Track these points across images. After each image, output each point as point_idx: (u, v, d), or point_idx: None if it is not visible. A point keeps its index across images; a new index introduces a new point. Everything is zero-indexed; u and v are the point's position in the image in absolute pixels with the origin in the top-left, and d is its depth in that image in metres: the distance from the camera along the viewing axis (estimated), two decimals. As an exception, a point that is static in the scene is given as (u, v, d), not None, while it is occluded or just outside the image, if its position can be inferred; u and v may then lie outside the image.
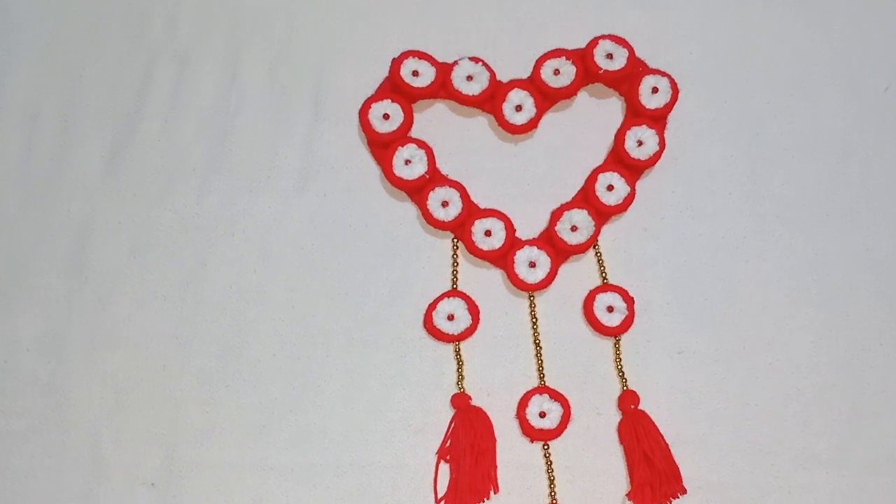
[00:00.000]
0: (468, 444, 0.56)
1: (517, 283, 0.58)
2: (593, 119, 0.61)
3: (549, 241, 0.58)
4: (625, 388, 0.57)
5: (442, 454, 0.56)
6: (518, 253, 0.58)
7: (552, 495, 0.56)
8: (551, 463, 0.56)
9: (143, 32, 0.63)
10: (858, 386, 0.58)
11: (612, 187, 0.58)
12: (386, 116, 0.59)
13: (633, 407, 0.57)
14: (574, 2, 0.63)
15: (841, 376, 0.58)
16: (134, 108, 0.61)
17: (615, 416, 0.57)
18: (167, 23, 0.63)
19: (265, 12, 0.63)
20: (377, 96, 0.60)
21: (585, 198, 0.59)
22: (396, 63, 0.60)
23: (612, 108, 0.61)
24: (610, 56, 0.59)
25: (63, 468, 0.57)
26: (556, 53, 0.60)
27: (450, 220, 0.58)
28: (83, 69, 0.62)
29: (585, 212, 0.58)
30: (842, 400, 0.57)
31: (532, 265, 0.58)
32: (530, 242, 0.58)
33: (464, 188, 0.59)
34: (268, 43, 0.63)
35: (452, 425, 0.57)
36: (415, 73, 0.60)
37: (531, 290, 0.58)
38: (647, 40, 0.62)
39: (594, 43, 0.60)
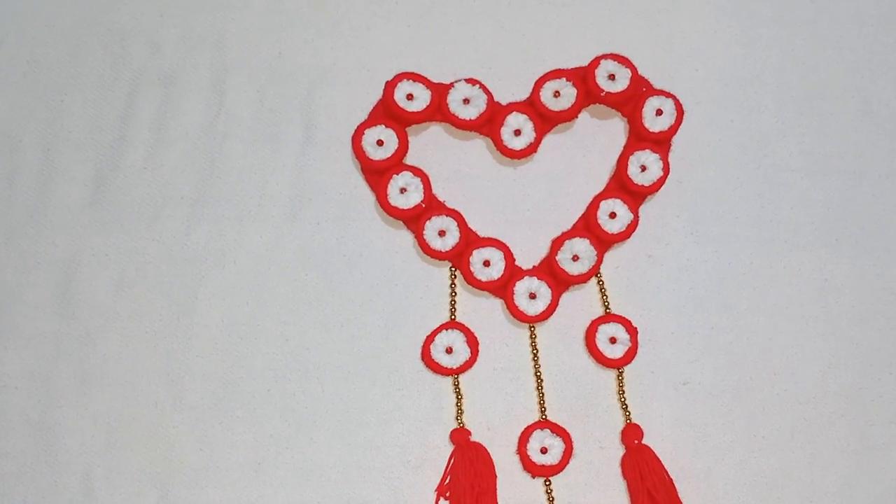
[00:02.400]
0: (468, 483, 0.55)
1: (517, 315, 0.56)
2: (595, 142, 0.59)
3: (550, 270, 0.57)
4: (628, 421, 0.56)
5: (441, 491, 0.55)
6: (518, 284, 0.56)
7: (554, 532, 0.55)
8: (553, 499, 0.55)
9: (125, 56, 0.60)
10: (867, 416, 0.56)
11: (614, 215, 0.56)
12: (380, 143, 0.57)
13: (636, 442, 0.55)
14: (575, 19, 0.60)
15: (849, 407, 0.56)
16: (118, 136, 0.59)
17: (618, 450, 0.56)
18: (150, 46, 0.60)
19: (252, 32, 0.60)
20: (370, 122, 0.57)
21: (587, 226, 0.57)
22: (390, 86, 0.57)
23: (614, 130, 0.59)
24: (612, 77, 0.57)
25: (55, 510, 0.56)
26: (556, 74, 0.57)
27: (447, 250, 0.56)
28: (64, 95, 0.60)
29: (587, 241, 0.56)
30: (850, 431, 0.56)
31: (532, 296, 0.56)
32: (530, 273, 0.56)
33: (461, 217, 0.57)
34: (255, 64, 0.60)
35: (452, 461, 0.56)
36: (409, 97, 0.57)
37: (531, 322, 0.56)
38: (651, 57, 0.59)
39: (595, 63, 0.57)
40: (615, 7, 0.60)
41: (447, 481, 0.55)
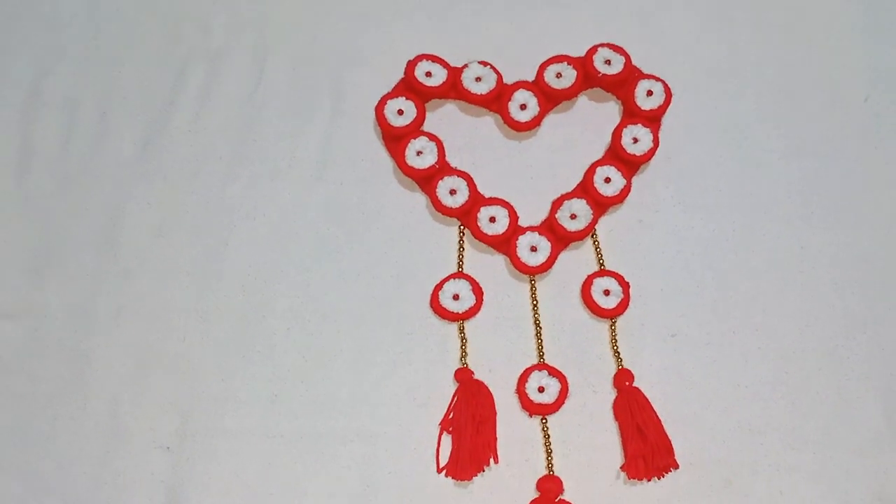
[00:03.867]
0: (470, 414, 0.58)
1: (519, 266, 0.62)
2: (592, 121, 0.66)
3: (550, 228, 0.62)
4: (620, 367, 0.60)
5: (445, 426, 0.59)
6: (520, 238, 0.62)
7: (549, 467, 0.58)
8: (549, 437, 0.59)
9: (178, 35, 0.68)
10: (843, 371, 0.60)
11: (609, 179, 0.62)
12: (400, 112, 0.64)
13: (627, 384, 0.59)
14: (575, 16, 0.68)
15: (826, 362, 0.60)
16: (167, 102, 0.66)
17: (610, 395, 0.60)
18: (201, 27, 0.68)
19: (291, 18, 0.69)
20: (393, 94, 0.65)
21: (584, 189, 0.63)
22: (411, 65, 0.65)
23: (609, 112, 0.66)
24: (608, 62, 0.64)
25: (83, 431, 0.60)
26: (559, 59, 0.65)
27: (457, 207, 0.62)
28: (122, 67, 0.67)
29: (584, 201, 0.62)
30: (827, 384, 0.60)
31: (533, 249, 0.62)
32: (532, 229, 0.62)
33: (471, 178, 0.63)
34: (292, 46, 0.68)
35: (455, 399, 0.60)
36: (428, 74, 0.65)
37: (532, 273, 0.62)
38: (643, 52, 0.66)
39: (594, 50, 0.65)
40: (610, 6, 0.69)
41: (450, 416, 0.59)
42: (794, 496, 0.58)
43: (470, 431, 0.58)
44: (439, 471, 0.58)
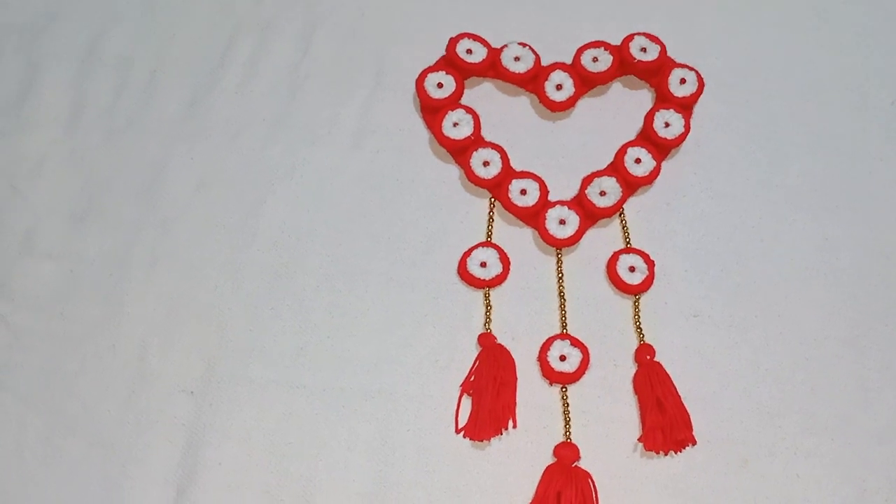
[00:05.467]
0: (491, 376, 0.59)
1: (547, 238, 0.63)
2: (625, 106, 0.67)
3: (579, 203, 0.64)
4: (642, 342, 0.61)
5: (465, 388, 0.60)
6: (550, 211, 0.63)
7: (567, 436, 0.59)
8: (568, 405, 0.60)
9: (231, 4, 0.71)
10: (863, 361, 0.61)
11: (639, 160, 0.64)
12: (440, 85, 0.66)
13: (648, 358, 0.60)
14: (614, 6, 0.71)
15: (846, 350, 0.61)
16: (216, 66, 0.69)
17: (631, 369, 0.61)
18: (253, -1, 0.71)
19: (340, -6, 0.72)
20: (433, 68, 0.67)
21: (615, 168, 0.64)
22: (453, 42, 0.67)
23: (643, 99, 0.68)
24: (644, 50, 0.66)
25: (111, 372, 0.61)
26: (596, 44, 0.67)
27: (490, 178, 0.64)
28: (175, 30, 0.70)
29: (614, 179, 0.63)
30: (847, 372, 0.60)
31: (562, 222, 0.63)
32: (562, 203, 0.63)
33: (504, 151, 0.65)
34: (340, 21, 0.70)
35: (477, 362, 0.60)
36: (469, 52, 0.67)
37: (560, 245, 0.63)
38: (678, 45, 0.68)
39: (630, 38, 0.67)
40: (649, 1, 0.71)
41: (472, 379, 0.60)
42: (810, 480, 0.58)
43: (490, 393, 0.59)
44: (457, 431, 0.59)
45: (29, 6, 0.71)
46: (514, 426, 0.59)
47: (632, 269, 0.62)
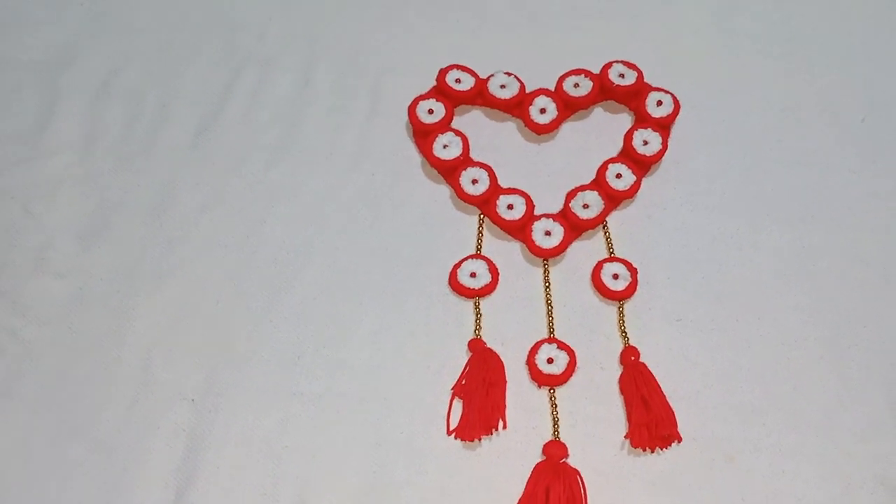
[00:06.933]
0: (481, 378, 0.61)
1: (534, 249, 0.66)
2: (606, 128, 0.71)
3: (564, 216, 0.67)
4: (626, 344, 0.63)
5: (457, 391, 0.62)
6: (536, 224, 0.66)
7: (555, 435, 0.60)
8: (556, 407, 0.61)
9: (235, 42, 0.76)
10: (844, 360, 0.62)
11: (620, 175, 0.67)
12: (430, 111, 0.70)
13: (633, 359, 0.62)
14: (592, 37, 0.75)
15: (827, 350, 0.63)
16: (221, 97, 0.74)
17: (617, 372, 0.62)
18: (257, 33, 0.77)
19: (338, 33, 0.77)
20: (425, 96, 0.71)
21: (597, 183, 0.68)
22: (443, 72, 0.72)
23: (622, 122, 0.72)
24: (622, 76, 0.71)
25: (115, 380, 0.63)
26: (577, 72, 0.71)
27: (478, 194, 0.67)
28: (185, 67, 0.75)
29: (596, 193, 0.67)
30: (829, 371, 0.62)
31: (548, 234, 0.66)
32: (547, 216, 0.67)
33: (492, 169, 0.68)
34: (338, 56, 0.76)
35: (468, 366, 0.62)
36: (457, 81, 0.71)
37: (546, 256, 0.66)
38: (655, 71, 0.73)
39: (609, 65, 0.71)
40: (625, 29, 0.75)
41: (463, 383, 0.62)
42: (795, 476, 0.59)
43: (480, 394, 0.61)
44: (449, 433, 0.60)
45: (50, 46, 0.77)
46: (504, 427, 0.61)
47: (615, 277, 0.65)
